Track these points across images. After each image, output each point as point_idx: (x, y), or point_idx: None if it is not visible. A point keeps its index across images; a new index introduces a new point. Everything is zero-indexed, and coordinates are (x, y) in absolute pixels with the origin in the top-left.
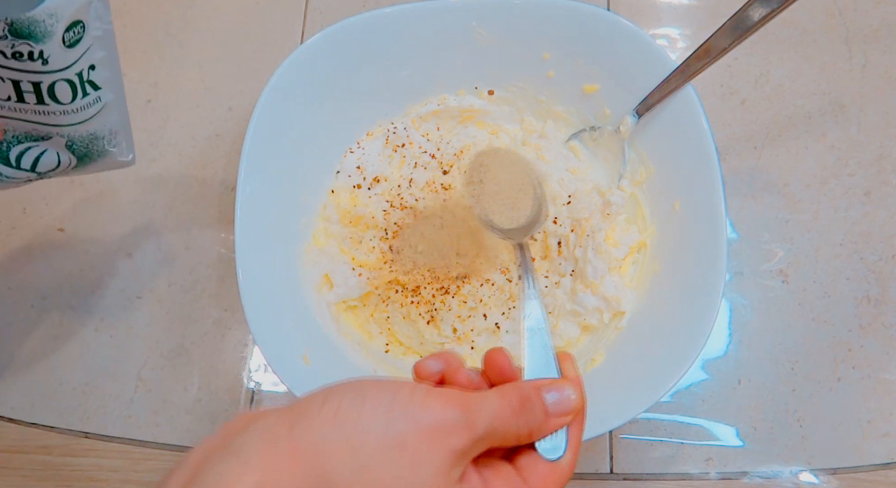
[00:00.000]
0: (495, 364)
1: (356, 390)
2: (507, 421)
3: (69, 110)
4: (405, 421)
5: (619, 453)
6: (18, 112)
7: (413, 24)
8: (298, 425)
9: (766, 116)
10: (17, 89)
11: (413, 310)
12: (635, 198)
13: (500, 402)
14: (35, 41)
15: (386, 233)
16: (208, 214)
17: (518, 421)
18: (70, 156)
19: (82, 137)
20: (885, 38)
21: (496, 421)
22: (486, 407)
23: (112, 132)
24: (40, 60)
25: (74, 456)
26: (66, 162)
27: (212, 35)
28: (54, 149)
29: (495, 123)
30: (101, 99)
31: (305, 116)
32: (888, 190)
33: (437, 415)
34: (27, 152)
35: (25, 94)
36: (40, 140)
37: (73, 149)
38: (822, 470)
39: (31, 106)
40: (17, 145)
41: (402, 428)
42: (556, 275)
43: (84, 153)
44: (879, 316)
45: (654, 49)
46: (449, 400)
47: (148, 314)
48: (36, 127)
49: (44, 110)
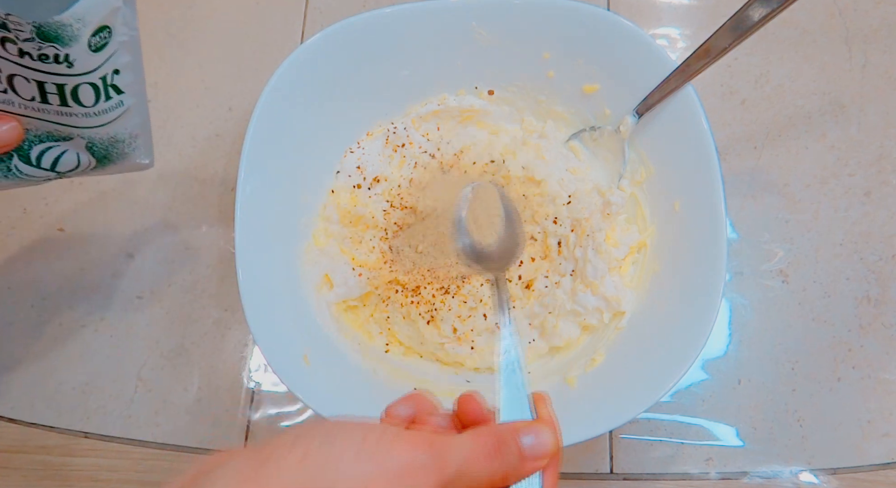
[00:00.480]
0: (468, 408)
1: (325, 433)
2: (479, 463)
3: (91, 113)
4: (373, 463)
5: (619, 453)
6: (41, 112)
7: (413, 24)
8: (266, 467)
9: (766, 116)
10: (42, 90)
11: (413, 310)
12: (635, 198)
13: (472, 445)
14: (62, 44)
15: (386, 233)
16: (208, 214)
17: (492, 464)
18: (90, 157)
19: (103, 140)
20: (885, 38)
21: (468, 463)
22: (456, 449)
23: (132, 135)
24: (66, 63)
25: (74, 456)
26: (86, 163)
27: (212, 35)
28: (74, 150)
29: (495, 123)
30: (123, 103)
31: (305, 116)
32: (888, 190)
33: (404, 458)
34: (48, 152)
35: (49, 95)
36: (61, 140)
37: (94, 150)
38: (822, 470)
39: (54, 107)
40: (38, 144)
41: (369, 470)
42: (556, 275)
43: (104, 155)
44: (879, 316)
45: (654, 49)
46: (418, 443)
47: (148, 314)
48: (58, 128)
49: (66, 112)
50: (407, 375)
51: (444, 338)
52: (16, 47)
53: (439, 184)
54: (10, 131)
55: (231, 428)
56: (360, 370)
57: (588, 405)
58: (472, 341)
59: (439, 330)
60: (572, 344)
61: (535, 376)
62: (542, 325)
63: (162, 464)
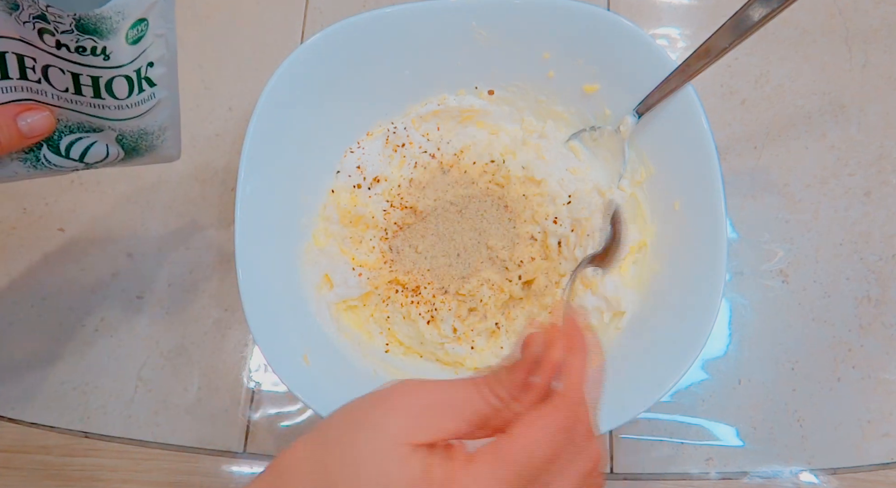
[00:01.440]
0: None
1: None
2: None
3: (124, 105)
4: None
5: (619, 453)
6: (74, 104)
7: (413, 24)
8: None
9: (766, 116)
10: (76, 82)
11: (413, 310)
12: (635, 197)
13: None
14: (100, 37)
15: (386, 233)
16: (208, 214)
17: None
18: (119, 149)
19: (133, 132)
20: (885, 38)
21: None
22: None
23: (162, 128)
24: (102, 56)
25: (74, 456)
26: (115, 154)
27: (211, 35)
28: (104, 142)
29: (495, 123)
30: (155, 95)
31: (305, 116)
32: (888, 190)
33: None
34: (77, 142)
35: (83, 87)
36: (92, 132)
37: (123, 142)
38: (822, 470)
39: (87, 99)
40: (68, 135)
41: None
42: (555, 274)
43: (133, 147)
44: (879, 316)
45: (654, 49)
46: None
47: (148, 314)
48: (89, 119)
49: (99, 104)
50: (407, 375)
51: (444, 338)
52: (53, 39)
53: (439, 184)
54: (43, 121)
55: (231, 428)
56: (360, 370)
57: None
58: (472, 341)
59: (439, 330)
60: None
61: None
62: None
63: (162, 464)
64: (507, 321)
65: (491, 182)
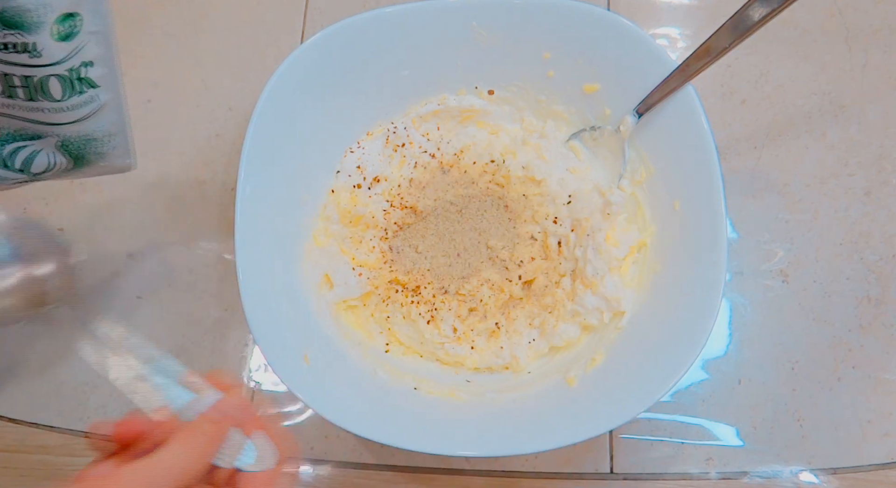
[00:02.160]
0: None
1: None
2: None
3: (62, 108)
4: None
5: (619, 453)
6: (8, 108)
7: (413, 24)
8: None
9: (766, 116)
10: (8, 83)
11: (413, 310)
12: (635, 197)
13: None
14: (26, 31)
15: (386, 233)
16: (208, 214)
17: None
18: (64, 157)
19: (76, 138)
20: (885, 38)
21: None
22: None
23: (109, 134)
24: (31, 53)
25: (74, 456)
26: (61, 163)
27: (211, 35)
28: (46, 151)
29: (495, 123)
30: (97, 98)
31: (305, 116)
32: (888, 190)
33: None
34: (19, 152)
35: (17, 88)
36: (32, 139)
37: (67, 150)
38: (822, 470)
39: (21, 102)
40: (9, 144)
41: None
42: (555, 274)
43: (79, 155)
44: (879, 316)
45: (654, 49)
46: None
47: (148, 314)
48: (27, 125)
49: (35, 107)
50: (407, 375)
51: (444, 338)
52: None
53: (439, 184)
54: None
55: None
56: (360, 370)
57: (588, 405)
58: (472, 341)
59: (439, 330)
60: (572, 344)
61: (535, 376)
62: (542, 325)
63: None
64: (507, 321)
65: (491, 182)
